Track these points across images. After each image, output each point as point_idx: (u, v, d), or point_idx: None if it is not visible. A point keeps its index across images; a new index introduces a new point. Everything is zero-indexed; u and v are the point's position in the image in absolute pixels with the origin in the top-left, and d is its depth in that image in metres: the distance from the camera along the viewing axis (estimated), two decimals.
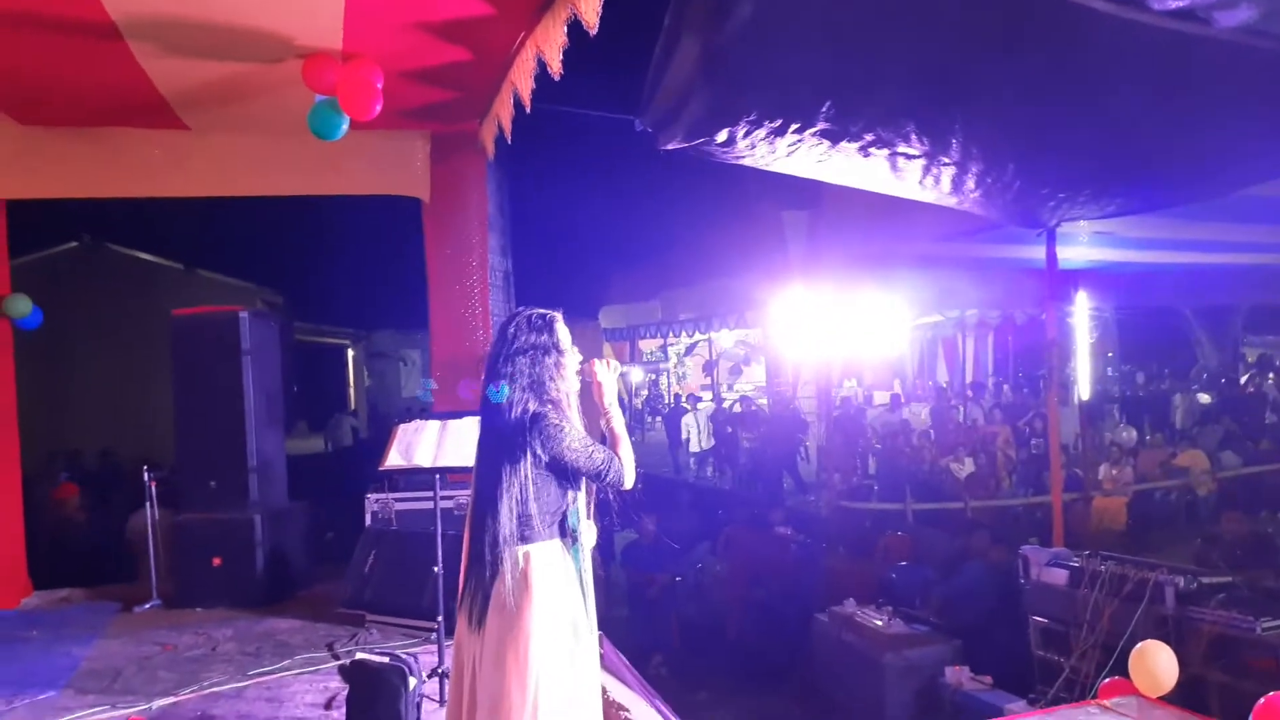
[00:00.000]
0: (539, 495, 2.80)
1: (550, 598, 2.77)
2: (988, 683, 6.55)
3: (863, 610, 7.66)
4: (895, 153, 5.15)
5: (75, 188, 7.19)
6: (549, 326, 2.97)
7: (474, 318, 7.59)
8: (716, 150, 4.78)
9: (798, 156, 5.00)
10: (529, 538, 2.79)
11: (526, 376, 2.85)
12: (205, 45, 5.25)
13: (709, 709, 7.78)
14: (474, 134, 7.20)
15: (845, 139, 4.85)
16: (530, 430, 2.79)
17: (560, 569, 2.83)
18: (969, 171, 5.59)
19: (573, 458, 2.81)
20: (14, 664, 5.49)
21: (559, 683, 2.73)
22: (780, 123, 4.56)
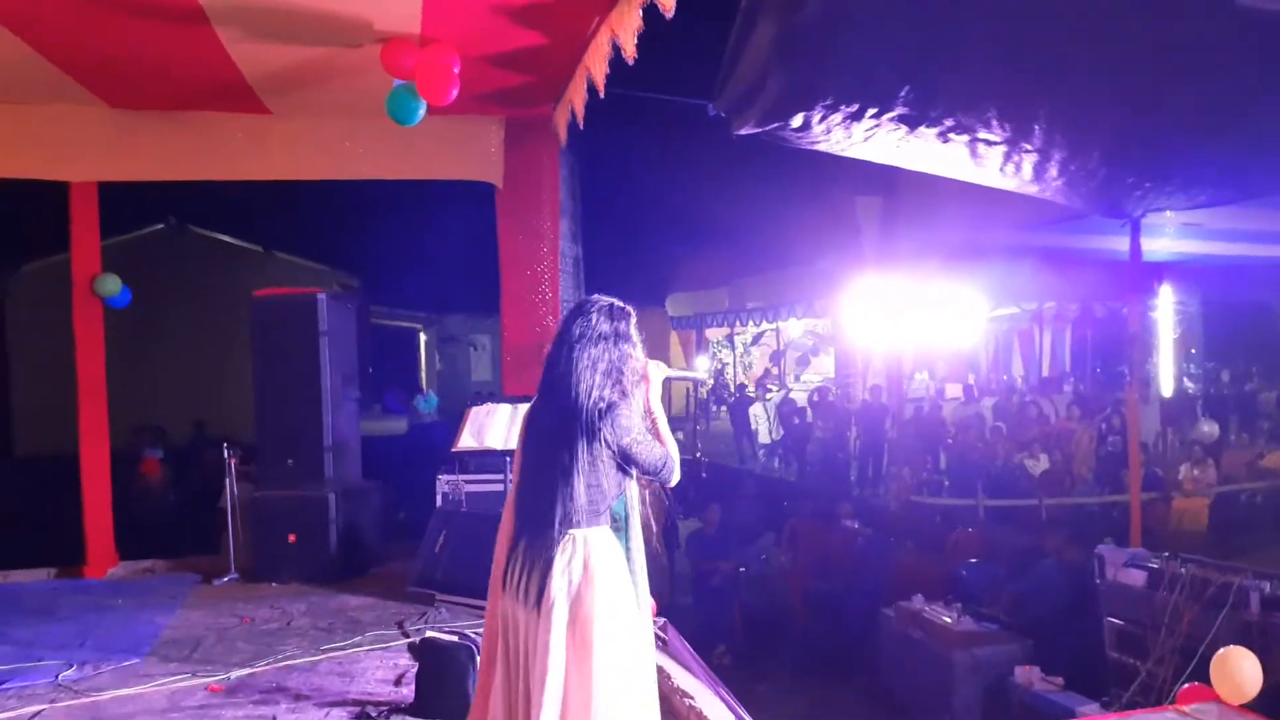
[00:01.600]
0: (603, 482, 2.83)
1: (609, 582, 2.80)
2: (1059, 684, 6.41)
3: (931, 606, 7.55)
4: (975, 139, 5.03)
5: (162, 170, 7.42)
6: (627, 317, 2.98)
7: (544, 304, 7.65)
8: (791, 135, 4.71)
9: (874, 142, 4.91)
10: (589, 522, 2.82)
11: (605, 363, 2.86)
12: (287, 29, 5.36)
13: (772, 701, 7.74)
14: (547, 119, 7.23)
15: (924, 124, 4.75)
16: (604, 418, 2.80)
17: (617, 553, 2.87)
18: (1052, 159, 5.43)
19: (637, 450, 2.84)
20: (101, 631, 5.70)
21: (620, 666, 2.75)
22: (857, 107, 4.48)
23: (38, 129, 6.95)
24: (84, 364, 7.32)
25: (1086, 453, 12.13)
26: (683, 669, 4.51)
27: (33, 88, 6.46)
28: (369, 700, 4.40)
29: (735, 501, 11.52)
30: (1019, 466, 11.63)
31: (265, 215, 14.90)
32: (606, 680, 2.71)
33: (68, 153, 7.07)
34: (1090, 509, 10.83)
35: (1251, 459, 11.61)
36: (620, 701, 2.73)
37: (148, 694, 4.55)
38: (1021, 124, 5.00)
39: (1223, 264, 12.13)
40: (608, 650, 2.73)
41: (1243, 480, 11.15)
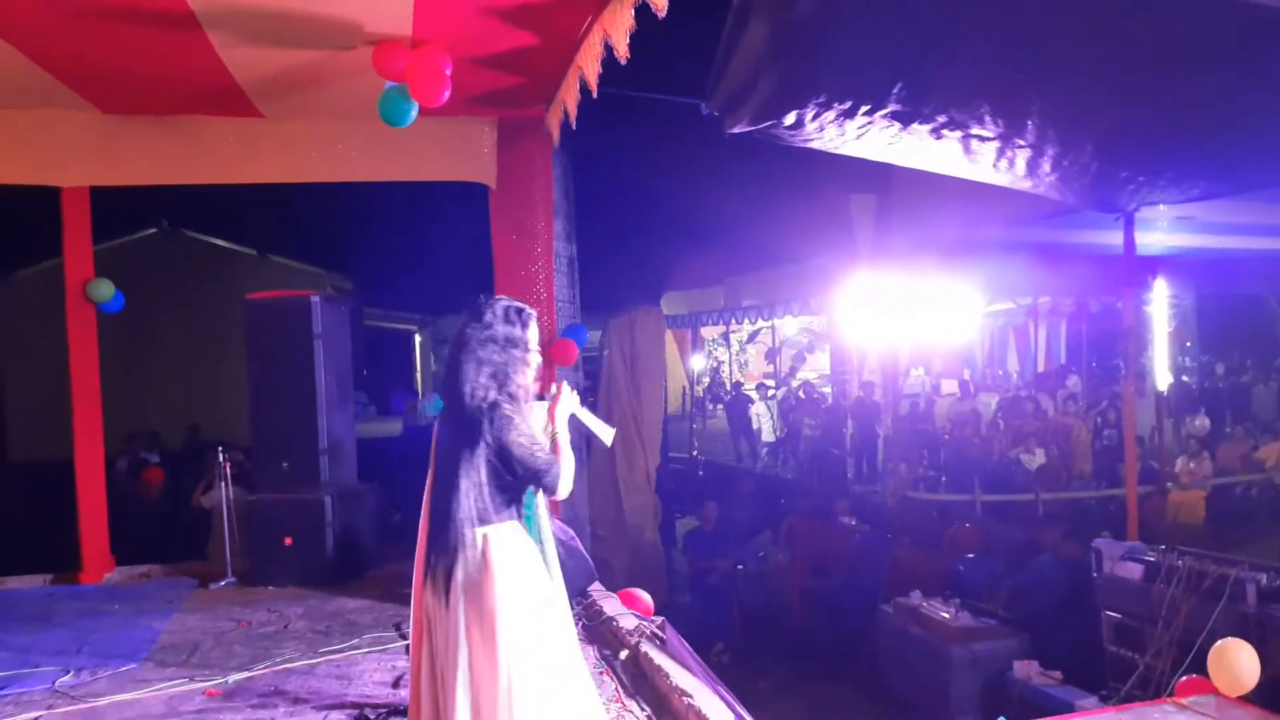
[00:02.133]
0: (494, 479, 2.89)
1: (511, 576, 2.86)
2: (1057, 678, 6.42)
3: (929, 602, 7.56)
4: (969, 135, 5.04)
5: (155, 175, 7.39)
6: (524, 321, 3.01)
7: (539, 304, 7.62)
8: (784, 133, 4.72)
9: (867, 139, 4.92)
10: (487, 519, 2.89)
11: (491, 366, 2.91)
12: (279, 33, 5.35)
13: (771, 698, 7.75)
14: (540, 119, 7.22)
15: (917, 121, 4.76)
16: (485, 416, 2.88)
17: (519, 547, 2.93)
18: (1045, 154, 5.45)
19: (517, 450, 2.88)
20: (97, 636, 5.69)
21: (530, 657, 2.81)
22: (850, 104, 4.49)
23: (29, 134, 6.93)
24: (78, 369, 7.30)
25: (1083, 447, 12.15)
26: (681, 667, 4.51)
27: (24, 93, 6.43)
28: (367, 703, 4.40)
29: (732, 499, 11.53)
30: (1015, 461, 11.64)
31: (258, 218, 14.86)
32: (513, 671, 2.78)
33: (59, 158, 7.04)
34: (1087, 503, 10.84)
35: (1246, 451, 11.64)
36: (530, 691, 2.79)
37: (145, 699, 4.55)
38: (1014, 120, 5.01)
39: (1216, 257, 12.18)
40: (512, 642, 2.79)
41: (1238, 473, 11.17)
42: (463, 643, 2.83)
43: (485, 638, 2.80)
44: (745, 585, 10.04)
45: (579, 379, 8.28)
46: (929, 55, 4.45)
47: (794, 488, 13.51)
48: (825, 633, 8.89)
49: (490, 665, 2.78)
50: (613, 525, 10.29)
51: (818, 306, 14.30)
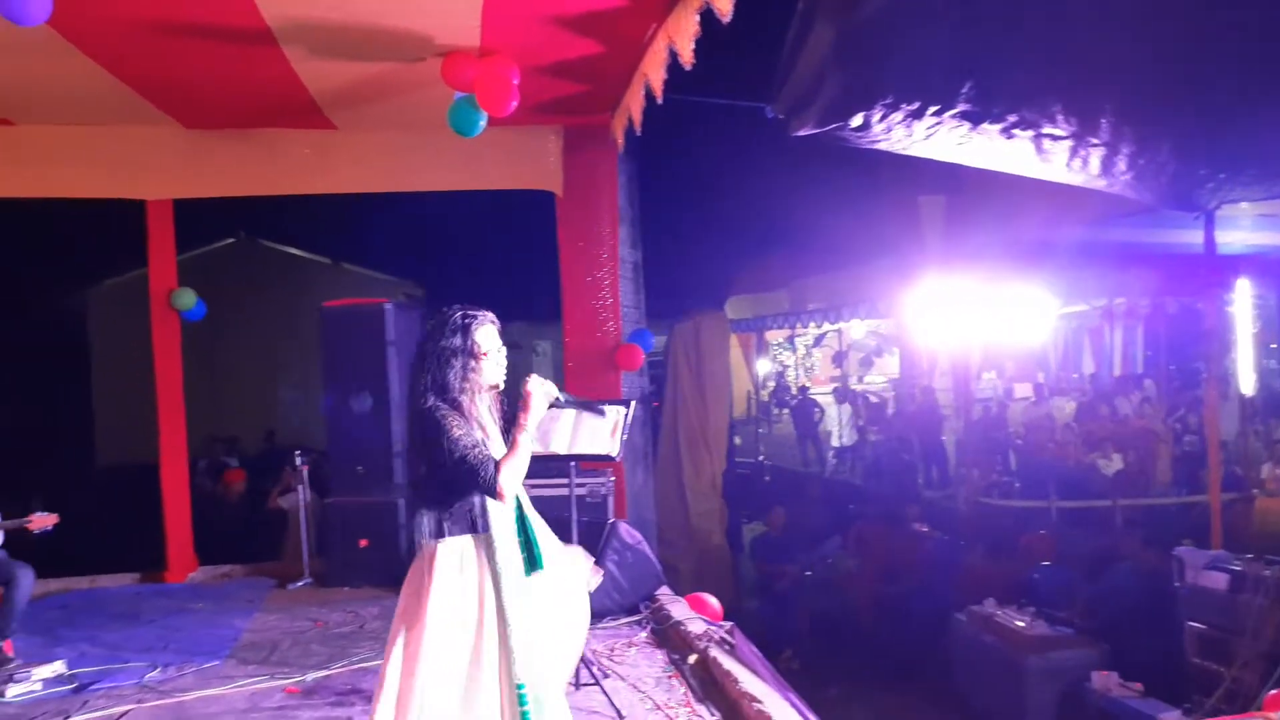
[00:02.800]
0: (440, 490, 2.90)
1: (450, 594, 2.85)
2: (1138, 690, 6.26)
3: (1003, 610, 7.42)
4: (1040, 134, 4.95)
5: (233, 186, 7.63)
6: (465, 329, 2.98)
7: (605, 309, 7.69)
8: (850, 135, 4.69)
9: (936, 140, 4.86)
10: (438, 533, 2.90)
11: (431, 376, 2.93)
12: (351, 46, 5.49)
13: (841, 705, 7.68)
14: (605, 126, 7.28)
15: (987, 120, 4.69)
16: (419, 424, 2.90)
17: (462, 566, 2.89)
18: (1120, 152, 5.31)
19: (446, 455, 2.83)
20: (183, 634, 5.89)
21: (442, 672, 2.80)
22: (918, 105, 4.44)
23: (116, 150, 7.20)
24: (162, 375, 7.57)
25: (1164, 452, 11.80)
26: (751, 673, 4.49)
27: (111, 110, 6.69)
28: None
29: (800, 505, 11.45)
30: (1092, 467, 11.35)
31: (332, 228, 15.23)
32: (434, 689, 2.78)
33: (144, 172, 7.31)
34: (1167, 510, 10.54)
35: None
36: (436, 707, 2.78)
37: (229, 695, 4.69)
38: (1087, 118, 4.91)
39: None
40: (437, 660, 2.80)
41: None
42: (395, 643, 2.89)
43: (411, 647, 2.83)
44: (814, 592, 9.95)
45: (644, 384, 8.32)
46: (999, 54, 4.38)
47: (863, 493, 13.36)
48: (895, 640, 8.77)
49: (410, 675, 2.81)
50: (679, 530, 10.30)
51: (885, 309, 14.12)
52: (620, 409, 4.61)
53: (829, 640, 9.36)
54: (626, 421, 4.54)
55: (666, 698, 4.42)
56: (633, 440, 7.64)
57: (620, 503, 7.30)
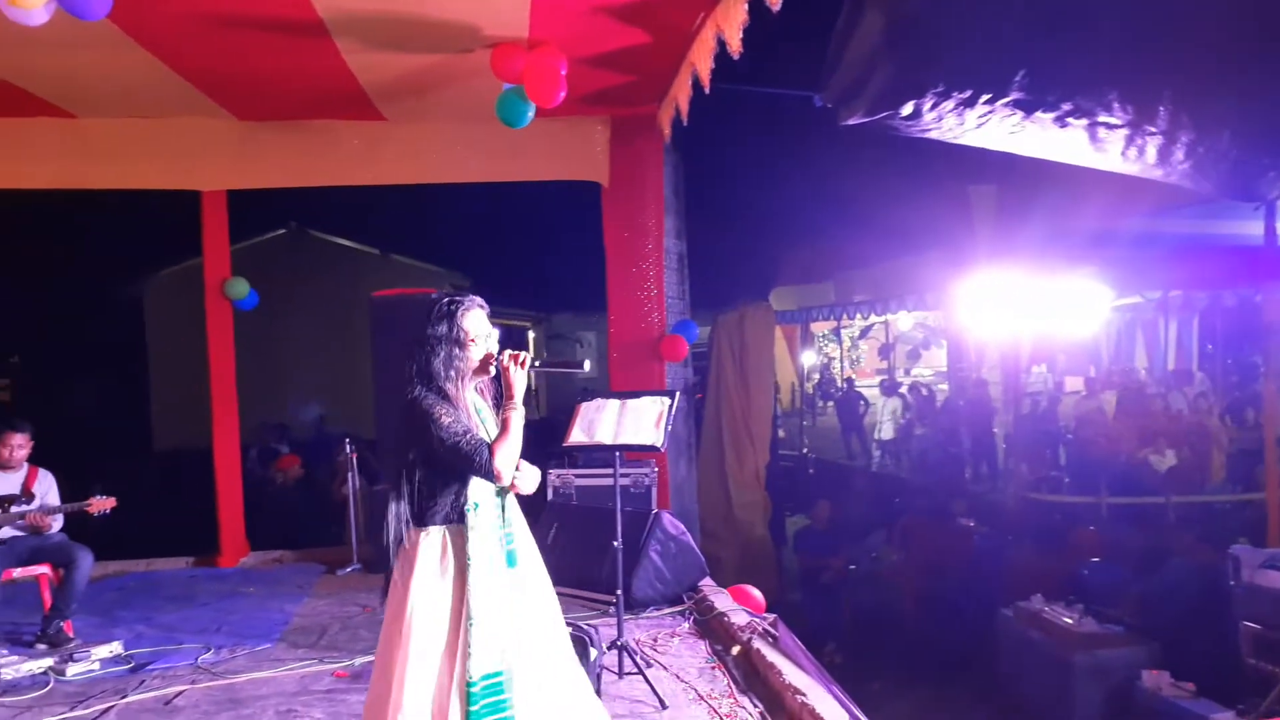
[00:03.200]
0: (426, 480, 2.86)
1: (430, 583, 2.82)
2: (1190, 690, 6.14)
3: (1051, 607, 7.33)
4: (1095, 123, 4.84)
5: (286, 178, 7.76)
6: (450, 316, 2.92)
7: (649, 300, 7.70)
8: (900, 124, 4.63)
9: (988, 129, 4.77)
10: (419, 521, 2.86)
11: (417, 364, 2.89)
12: (402, 38, 5.55)
13: (885, 699, 7.62)
14: (652, 117, 7.28)
15: (1040, 109, 4.60)
16: (411, 416, 2.85)
17: (443, 556, 2.84)
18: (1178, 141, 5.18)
19: (436, 444, 2.80)
20: (235, 617, 6.03)
21: (425, 666, 2.76)
22: (970, 94, 4.36)
23: (172, 142, 7.35)
24: (216, 363, 7.73)
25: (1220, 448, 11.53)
26: (794, 665, 4.49)
27: (167, 103, 6.84)
28: None
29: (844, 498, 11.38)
30: (1144, 463, 11.14)
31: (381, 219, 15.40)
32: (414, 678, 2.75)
33: (199, 163, 7.46)
34: (1221, 507, 10.31)
35: None
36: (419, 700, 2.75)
37: (279, 677, 4.79)
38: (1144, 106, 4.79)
39: None
40: (418, 650, 2.77)
41: None
42: (383, 635, 2.88)
43: (395, 639, 2.80)
44: (858, 585, 9.89)
45: (687, 375, 8.32)
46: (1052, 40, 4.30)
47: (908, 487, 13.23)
48: (940, 635, 8.69)
49: (391, 664, 2.79)
50: (723, 521, 10.29)
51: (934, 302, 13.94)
52: (664, 400, 4.61)
53: (873, 635, 9.30)
54: (671, 412, 4.54)
55: (709, 688, 4.43)
56: (676, 431, 7.64)
57: (663, 493, 7.32)
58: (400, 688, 2.75)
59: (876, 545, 10.53)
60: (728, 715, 4.10)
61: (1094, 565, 8.07)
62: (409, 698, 2.74)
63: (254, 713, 4.33)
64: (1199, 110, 4.95)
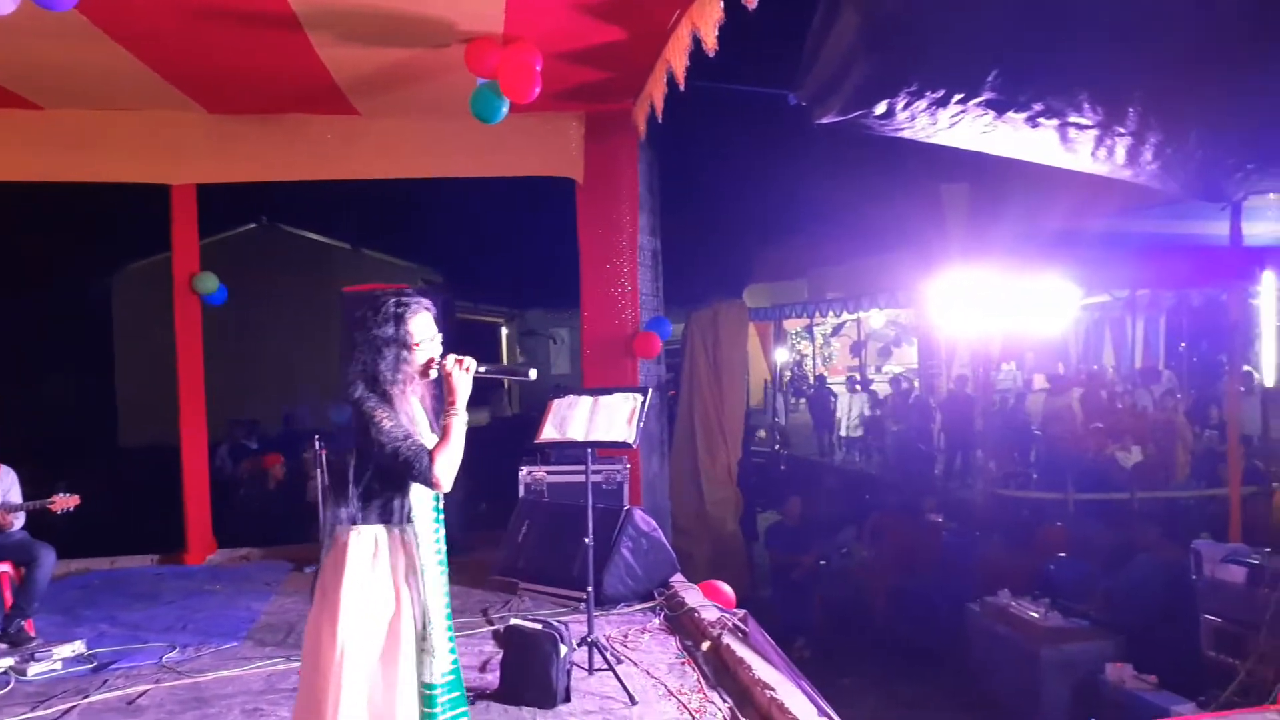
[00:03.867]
0: (366, 479, 2.82)
1: (360, 583, 2.78)
2: (1152, 682, 6.24)
3: (1019, 601, 7.41)
4: (1066, 123, 4.90)
5: (256, 172, 7.68)
6: (398, 318, 2.88)
7: (623, 296, 7.69)
8: (874, 123, 4.66)
9: (960, 128, 4.83)
10: (354, 520, 2.82)
11: (361, 365, 2.86)
12: (376, 33, 5.50)
13: (854, 695, 7.67)
14: (627, 114, 7.27)
15: (1012, 109, 4.65)
16: (355, 415, 2.83)
17: (374, 555, 2.81)
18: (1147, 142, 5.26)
19: (376, 447, 2.77)
20: (201, 615, 5.95)
21: (361, 666, 2.74)
22: (943, 93, 4.41)
23: (141, 134, 7.23)
24: (184, 359, 7.63)
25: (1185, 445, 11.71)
26: (763, 660, 4.51)
27: (136, 95, 6.73)
28: None
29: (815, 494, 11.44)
30: (1110, 459, 11.29)
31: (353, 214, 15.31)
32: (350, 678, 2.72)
33: (169, 157, 7.34)
34: (1185, 503, 10.48)
35: None
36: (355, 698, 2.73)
37: (245, 675, 4.74)
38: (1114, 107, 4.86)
39: None
40: (351, 650, 2.74)
41: None
42: (312, 635, 2.83)
43: (327, 638, 2.76)
44: (828, 581, 9.95)
45: (661, 372, 8.33)
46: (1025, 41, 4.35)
47: (879, 483, 13.33)
48: (910, 630, 8.77)
49: (327, 664, 2.74)
50: (694, 517, 10.32)
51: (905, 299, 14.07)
52: (637, 396, 4.62)
53: (842, 630, 9.36)
54: (643, 409, 4.55)
55: (679, 684, 4.44)
56: (649, 428, 7.65)
57: (635, 490, 7.32)
58: (338, 688, 2.70)
59: (847, 541, 10.60)
60: (697, 710, 4.11)
61: (1060, 560, 8.17)
62: (347, 699, 2.71)
63: (219, 711, 4.28)
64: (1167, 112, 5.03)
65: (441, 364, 2.89)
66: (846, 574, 10.25)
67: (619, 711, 4.15)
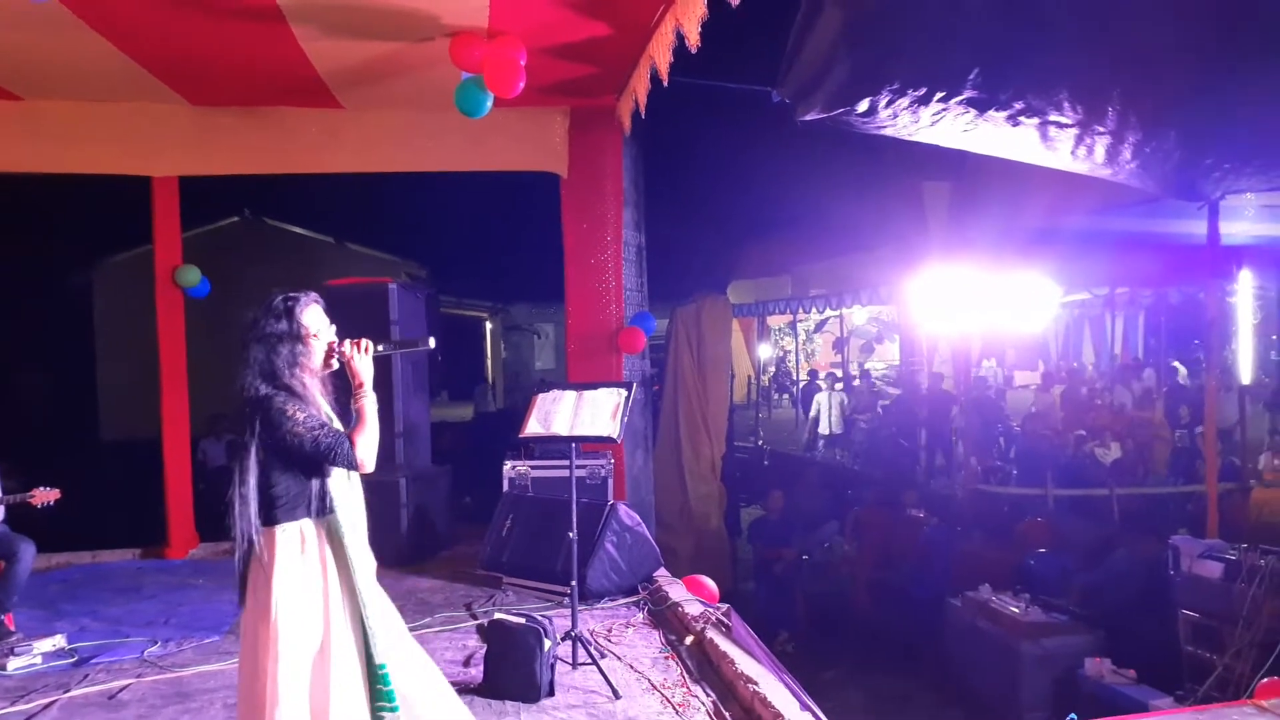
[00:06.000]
0: (278, 478, 2.82)
1: (292, 578, 2.79)
2: (1131, 676, 6.31)
3: (999, 596, 7.47)
4: (1046, 121, 4.94)
5: (239, 165, 7.62)
6: (289, 313, 2.92)
7: (607, 292, 7.70)
8: (856, 121, 4.69)
9: (942, 126, 4.86)
10: (272, 520, 2.82)
11: (259, 363, 2.87)
12: (360, 25, 5.48)
13: (836, 688, 7.74)
14: (611, 109, 7.28)
15: (993, 108, 4.69)
16: (255, 415, 2.81)
17: (302, 549, 2.83)
18: (1125, 141, 5.31)
19: (294, 441, 2.78)
20: (183, 609, 5.94)
21: (298, 663, 2.75)
22: (924, 91, 4.44)
23: (123, 126, 7.19)
24: (166, 352, 7.60)
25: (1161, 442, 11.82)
26: (746, 655, 4.54)
27: (118, 87, 6.70)
28: None
29: (798, 489, 11.49)
30: (1090, 456, 11.39)
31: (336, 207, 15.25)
32: (290, 677, 2.73)
33: (151, 149, 7.31)
34: (1164, 499, 10.57)
35: None
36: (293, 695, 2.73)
37: (228, 670, 4.71)
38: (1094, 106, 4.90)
39: None
40: (290, 649, 2.74)
41: None
42: (249, 642, 2.82)
43: (263, 641, 2.76)
44: (811, 575, 10.01)
45: (645, 367, 8.34)
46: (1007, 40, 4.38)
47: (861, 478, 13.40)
48: (892, 624, 8.83)
49: (265, 668, 2.74)
50: (678, 512, 10.35)
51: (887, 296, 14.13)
52: (621, 391, 4.63)
53: (825, 624, 9.43)
54: (627, 404, 4.56)
55: (662, 678, 4.46)
56: (633, 423, 7.66)
57: (619, 485, 7.34)
58: (275, 689, 2.70)
59: (829, 536, 10.65)
60: (680, 705, 4.14)
61: (1040, 556, 8.24)
62: (285, 699, 2.70)
63: (201, 706, 4.28)
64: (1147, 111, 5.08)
65: (340, 350, 2.94)
66: (829, 569, 10.31)
67: (603, 706, 4.16)
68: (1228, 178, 6.15)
